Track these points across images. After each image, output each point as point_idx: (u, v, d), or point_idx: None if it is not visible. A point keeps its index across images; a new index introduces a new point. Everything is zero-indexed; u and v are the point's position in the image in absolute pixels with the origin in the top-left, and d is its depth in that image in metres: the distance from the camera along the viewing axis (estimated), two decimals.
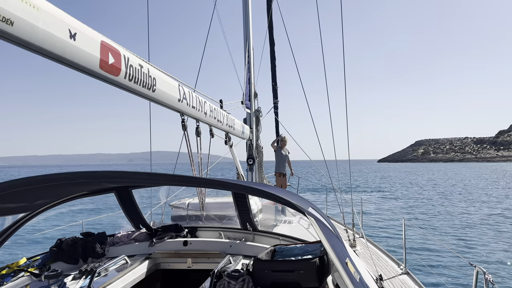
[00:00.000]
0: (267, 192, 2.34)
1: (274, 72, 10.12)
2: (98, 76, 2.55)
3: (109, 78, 2.63)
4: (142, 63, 3.10)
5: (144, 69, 3.11)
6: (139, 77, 3.01)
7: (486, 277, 3.62)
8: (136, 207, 4.61)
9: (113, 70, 2.64)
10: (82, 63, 2.32)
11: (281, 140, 10.42)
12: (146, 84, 3.15)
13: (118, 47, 2.73)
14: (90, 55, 2.37)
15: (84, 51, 2.30)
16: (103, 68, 2.52)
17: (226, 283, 2.87)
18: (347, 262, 2.17)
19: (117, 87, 2.84)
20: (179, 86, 3.95)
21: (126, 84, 2.85)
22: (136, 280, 3.67)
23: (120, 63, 2.72)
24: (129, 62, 2.86)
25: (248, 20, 8.45)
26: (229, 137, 6.57)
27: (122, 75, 2.76)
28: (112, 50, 2.62)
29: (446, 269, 10.06)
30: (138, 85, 3.02)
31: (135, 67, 2.94)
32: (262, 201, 6.49)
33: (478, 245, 13.49)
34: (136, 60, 2.98)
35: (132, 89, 2.98)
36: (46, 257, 3.85)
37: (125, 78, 2.81)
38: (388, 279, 5.54)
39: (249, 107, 8.40)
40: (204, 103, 4.80)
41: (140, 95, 3.17)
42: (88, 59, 2.36)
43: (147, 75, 3.16)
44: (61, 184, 2.37)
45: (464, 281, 8.92)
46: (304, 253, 3.46)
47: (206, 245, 4.29)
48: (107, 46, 2.56)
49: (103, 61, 2.51)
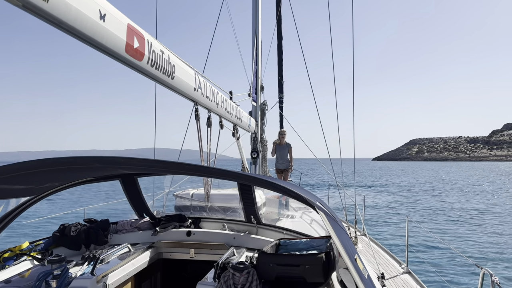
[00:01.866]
0: (277, 184, 2.32)
1: (281, 66, 10.07)
2: (123, 60, 2.50)
3: (133, 62, 2.58)
4: (164, 49, 3.05)
5: (165, 55, 3.07)
6: (161, 63, 2.97)
7: (493, 279, 3.61)
8: (141, 195, 4.59)
9: (137, 54, 2.59)
10: (110, 45, 2.27)
11: (280, 134, 10.22)
12: (167, 71, 3.10)
13: (142, 31, 2.68)
14: (117, 37, 2.32)
15: (112, 33, 2.26)
16: (128, 52, 2.48)
17: (231, 274, 2.84)
18: (356, 258, 2.15)
19: (139, 72, 2.79)
20: (195, 75, 3.91)
21: (148, 69, 2.81)
22: (139, 269, 3.65)
23: (144, 47, 2.67)
24: (152, 47, 2.81)
25: (258, 13, 8.40)
26: (237, 129, 6.54)
27: (145, 60, 2.71)
28: (137, 34, 2.57)
29: (449, 270, 10.08)
30: (159, 72, 2.98)
31: (157, 52, 2.89)
32: (266, 194, 6.47)
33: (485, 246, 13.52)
34: (158, 46, 2.94)
35: (153, 75, 2.93)
36: (49, 242, 3.83)
37: (147, 64, 2.76)
38: (390, 278, 5.56)
39: (255, 100, 8.36)
40: (217, 93, 4.76)
41: (160, 81, 3.12)
42: (115, 42, 2.31)
43: (168, 61, 3.11)
44: (68, 169, 2.34)
45: (469, 283, 8.96)
46: (309, 248, 3.45)
47: (209, 236, 4.27)
48: (133, 30, 2.51)
49: (129, 45, 2.46)
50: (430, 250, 12.24)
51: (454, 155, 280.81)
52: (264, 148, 8.64)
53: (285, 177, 10.37)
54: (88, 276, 3.02)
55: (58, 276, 2.85)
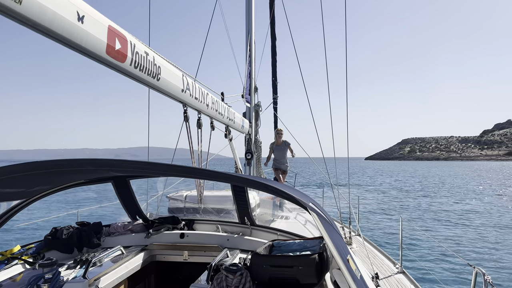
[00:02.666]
0: (269, 186, 2.30)
1: (275, 67, 10.05)
2: (105, 62, 2.49)
3: (115, 64, 2.57)
4: (148, 51, 3.04)
5: (150, 57, 3.06)
6: (145, 64, 2.95)
7: (486, 278, 3.61)
8: (133, 198, 4.57)
9: (119, 56, 2.58)
10: (89, 47, 2.26)
11: (277, 133, 9.90)
12: (151, 73, 3.09)
13: (125, 33, 2.67)
14: (97, 39, 2.31)
15: (91, 35, 2.24)
16: (110, 54, 2.46)
17: (224, 276, 2.83)
18: (349, 259, 2.14)
19: (122, 74, 2.78)
20: (183, 76, 3.89)
21: (132, 71, 2.80)
22: (132, 272, 3.63)
23: (126, 49, 2.66)
24: (135, 49, 2.80)
25: (251, 14, 8.39)
26: (229, 130, 6.52)
27: (128, 61, 2.70)
28: (119, 36, 2.56)
29: (443, 269, 10.10)
30: (143, 73, 2.96)
31: (141, 54, 2.88)
32: (260, 196, 6.46)
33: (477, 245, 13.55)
34: (142, 47, 2.92)
35: (137, 77, 2.92)
36: (41, 245, 3.80)
37: (130, 65, 2.75)
38: (384, 278, 5.54)
39: (249, 101, 8.35)
40: (207, 94, 4.74)
41: (145, 83, 3.11)
42: (95, 44, 2.29)
43: (152, 63, 3.10)
44: (59, 171, 2.32)
45: (462, 282, 8.97)
46: (302, 249, 3.44)
47: (203, 238, 4.26)
48: (114, 31, 2.50)
49: (110, 47, 2.45)
50: (424, 250, 12.26)
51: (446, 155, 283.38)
52: (258, 149, 8.63)
53: (282, 179, 10.10)
54: (80, 279, 3.00)
55: (49, 279, 2.83)
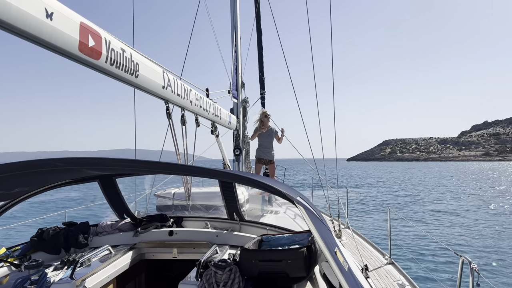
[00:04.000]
0: (255, 180, 2.29)
1: (261, 62, 10.01)
2: (78, 59, 2.44)
3: (89, 61, 2.52)
4: (125, 47, 2.99)
5: (127, 53, 3.01)
6: (121, 61, 2.91)
7: (472, 266, 3.66)
8: (120, 196, 4.53)
9: (93, 53, 2.53)
10: (60, 44, 2.21)
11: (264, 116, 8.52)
12: (129, 69, 3.04)
13: (99, 29, 2.62)
14: (69, 36, 2.26)
15: (61, 32, 2.19)
16: (83, 51, 2.42)
17: (213, 272, 2.82)
18: (336, 251, 2.14)
19: (98, 71, 2.74)
20: (164, 72, 3.85)
21: (107, 68, 2.75)
22: (120, 271, 3.60)
23: (100, 46, 2.61)
24: (111, 45, 2.75)
25: (236, 8, 8.34)
26: (215, 126, 6.49)
27: (103, 59, 2.65)
28: (92, 33, 2.51)
29: (431, 259, 10.26)
30: (120, 70, 2.92)
31: (116, 51, 2.83)
32: (249, 191, 6.45)
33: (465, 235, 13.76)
34: (118, 44, 2.88)
35: (113, 74, 2.88)
36: (27, 247, 3.75)
37: (106, 62, 2.70)
38: (373, 269, 5.58)
39: (236, 96, 8.31)
40: (190, 91, 4.70)
41: (123, 80, 3.06)
42: (66, 41, 2.25)
43: (130, 60, 3.06)
44: (42, 171, 2.28)
45: (450, 270, 9.10)
46: (291, 243, 3.45)
47: (192, 235, 4.24)
48: (87, 28, 2.45)
49: (83, 44, 2.40)
50: (412, 241, 12.41)
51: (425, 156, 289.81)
52: (247, 145, 8.61)
53: (272, 171, 8.82)
54: (67, 280, 2.96)
55: (36, 281, 2.79)
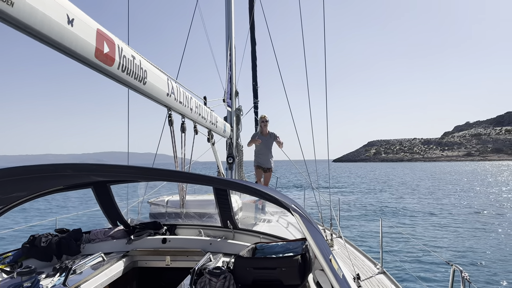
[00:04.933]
0: (251, 188, 2.33)
1: (255, 72, 10.12)
2: (93, 66, 2.47)
3: (103, 68, 2.56)
4: (135, 55, 3.03)
5: (136, 60, 3.05)
6: (132, 68, 2.94)
7: (463, 275, 3.74)
8: (114, 203, 4.51)
9: (107, 60, 2.56)
10: (79, 50, 2.24)
11: (262, 121, 8.60)
12: (138, 76, 3.08)
13: (112, 36, 2.66)
14: (87, 42, 2.30)
15: (80, 38, 2.23)
16: (98, 57, 2.45)
17: (207, 280, 2.83)
18: (331, 259, 2.19)
19: (110, 77, 2.77)
20: (168, 80, 3.89)
21: (119, 75, 2.78)
22: (112, 278, 3.58)
23: (114, 53, 2.65)
24: (123, 52, 2.79)
25: (231, 19, 8.44)
26: (212, 134, 6.52)
27: (115, 65, 2.69)
28: (107, 39, 2.55)
29: (422, 268, 10.40)
30: (131, 77, 2.95)
31: (128, 58, 2.87)
32: (243, 199, 6.48)
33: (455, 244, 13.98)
34: (129, 51, 2.92)
35: (124, 81, 2.91)
36: (18, 254, 3.72)
37: (118, 69, 2.74)
38: (365, 279, 5.64)
39: (230, 105, 8.38)
40: (190, 98, 4.75)
41: (132, 87, 3.10)
42: (84, 47, 2.28)
43: (139, 67, 3.09)
44: (37, 177, 2.28)
45: (440, 279, 9.25)
46: (285, 251, 3.48)
47: (185, 243, 4.24)
48: (103, 35, 2.49)
49: (99, 50, 2.43)
50: (404, 250, 12.56)
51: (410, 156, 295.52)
52: (240, 153, 8.65)
53: (267, 180, 8.77)
54: (60, 287, 2.94)
55: None
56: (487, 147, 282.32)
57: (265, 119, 8.63)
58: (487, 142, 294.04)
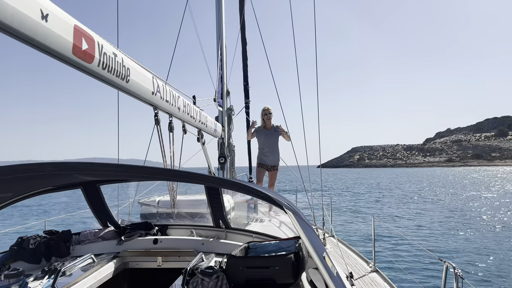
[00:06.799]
0: (244, 186, 2.30)
1: (246, 71, 10.09)
2: (71, 63, 2.42)
3: (82, 65, 2.50)
4: (116, 52, 2.98)
5: (118, 58, 3.00)
6: (113, 66, 2.89)
7: (456, 271, 3.73)
8: (104, 204, 4.45)
9: (86, 57, 2.51)
10: (54, 46, 2.19)
11: (265, 114, 7.77)
12: (120, 74, 3.03)
13: (92, 33, 2.61)
14: (63, 39, 2.25)
15: (56, 34, 2.18)
16: (76, 54, 2.40)
17: (200, 280, 2.79)
18: (325, 256, 2.17)
19: (90, 75, 2.71)
20: (153, 78, 3.84)
21: (100, 72, 2.73)
22: (103, 280, 3.53)
23: (94, 50, 2.59)
24: (103, 49, 2.74)
25: (221, 18, 8.41)
26: (202, 134, 6.48)
27: (95, 62, 2.64)
28: (86, 36, 2.50)
29: (415, 265, 10.43)
30: (112, 75, 2.90)
31: (109, 55, 2.82)
32: (235, 199, 6.44)
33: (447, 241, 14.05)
34: (110, 48, 2.87)
35: (105, 78, 2.86)
36: (6, 256, 3.66)
37: (98, 66, 2.69)
38: (358, 278, 5.63)
39: (221, 105, 8.33)
40: (178, 97, 4.70)
41: (113, 85, 3.05)
42: (60, 43, 2.23)
43: (121, 64, 3.04)
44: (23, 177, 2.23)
45: (434, 276, 9.26)
46: (278, 250, 3.45)
47: (177, 243, 4.20)
48: (81, 31, 2.44)
49: (76, 47, 2.38)
50: (396, 248, 12.60)
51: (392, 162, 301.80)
52: (232, 153, 8.61)
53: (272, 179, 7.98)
54: None
55: None
56: (467, 153, 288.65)
57: (269, 111, 7.75)
58: (467, 148, 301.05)
